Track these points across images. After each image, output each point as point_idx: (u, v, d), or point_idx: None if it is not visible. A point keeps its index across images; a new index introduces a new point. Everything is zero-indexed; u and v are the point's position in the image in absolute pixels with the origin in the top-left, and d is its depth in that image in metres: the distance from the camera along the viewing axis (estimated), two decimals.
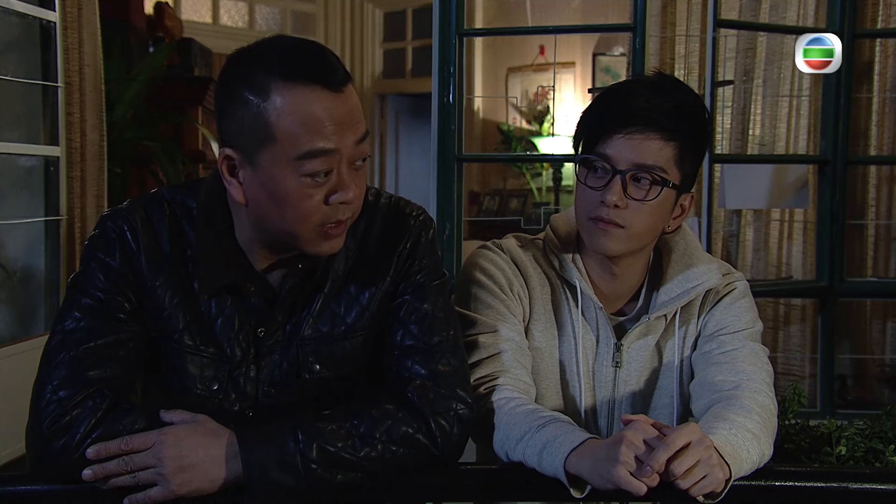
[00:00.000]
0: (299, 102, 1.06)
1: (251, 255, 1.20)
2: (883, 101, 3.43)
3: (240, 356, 1.20)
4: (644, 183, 1.27)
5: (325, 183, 1.09)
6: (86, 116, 3.49)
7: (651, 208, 1.28)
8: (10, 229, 3.34)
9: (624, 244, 1.31)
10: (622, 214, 1.27)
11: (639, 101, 1.27)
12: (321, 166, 1.07)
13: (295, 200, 1.09)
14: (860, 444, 1.78)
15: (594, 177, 1.30)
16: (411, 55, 8.10)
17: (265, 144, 1.07)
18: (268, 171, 1.08)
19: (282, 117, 1.06)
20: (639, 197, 1.27)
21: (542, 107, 6.96)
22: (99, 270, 1.17)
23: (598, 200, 1.28)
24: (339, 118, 1.07)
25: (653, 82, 1.32)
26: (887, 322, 3.49)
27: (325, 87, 1.07)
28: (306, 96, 1.06)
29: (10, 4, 3.13)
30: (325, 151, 1.07)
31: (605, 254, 1.33)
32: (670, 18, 3.17)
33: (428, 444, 1.15)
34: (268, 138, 1.07)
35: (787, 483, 1.18)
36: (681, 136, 1.28)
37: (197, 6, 7.55)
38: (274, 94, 1.06)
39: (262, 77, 1.07)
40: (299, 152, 1.06)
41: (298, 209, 1.09)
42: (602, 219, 1.28)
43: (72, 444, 1.07)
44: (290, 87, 1.06)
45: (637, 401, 1.40)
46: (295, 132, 1.06)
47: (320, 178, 1.08)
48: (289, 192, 1.08)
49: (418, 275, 1.25)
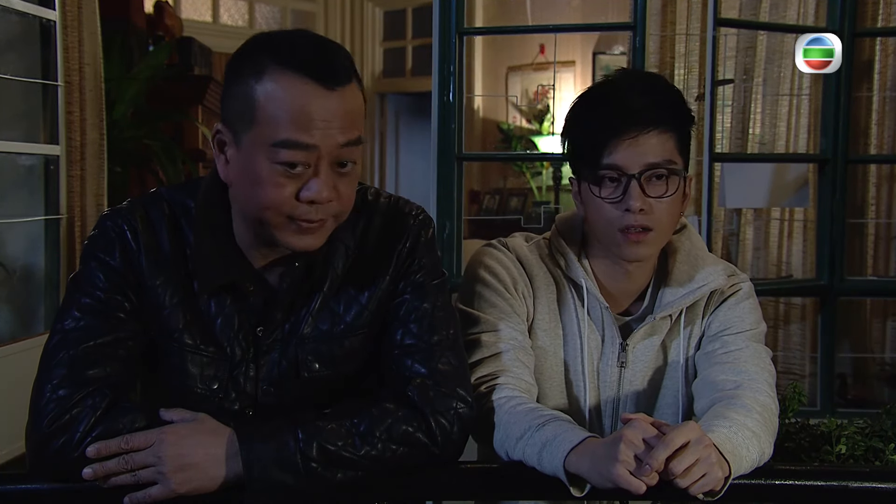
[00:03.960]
0: (287, 90, 1.06)
1: (249, 253, 1.20)
2: (883, 99, 3.43)
3: (239, 355, 1.20)
4: (661, 180, 1.28)
5: (299, 177, 1.09)
6: (86, 115, 3.49)
7: (671, 202, 1.29)
8: (10, 228, 3.34)
9: (655, 246, 1.32)
10: (649, 217, 1.27)
11: (631, 103, 1.28)
12: (295, 158, 1.07)
13: (265, 186, 1.09)
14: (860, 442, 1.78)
15: (608, 187, 1.29)
16: (411, 54, 8.09)
17: (250, 125, 1.09)
18: (248, 152, 1.10)
19: (268, 102, 1.07)
20: (659, 194, 1.28)
21: (542, 106, 6.95)
22: (99, 270, 1.17)
23: (621, 211, 1.27)
24: (325, 116, 1.07)
25: (632, 82, 1.34)
26: (887, 321, 3.48)
27: (317, 82, 1.07)
28: (295, 86, 1.06)
29: (9, 3, 3.13)
30: (302, 145, 1.07)
31: (639, 260, 1.33)
32: (670, 17, 3.17)
33: (428, 442, 1.15)
34: (252, 120, 1.08)
35: (787, 482, 1.18)
36: (676, 124, 1.29)
37: (197, 5, 7.55)
38: (267, 78, 1.07)
39: (262, 60, 1.08)
40: (276, 139, 1.07)
41: (267, 196, 1.09)
42: (632, 226, 1.27)
43: (72, 442, 1.07)
44: (282, 74, 1.07)
45: (642, 401, 1.40)
46: (275, 118, 1.07)
47: (294, 169, 1.08)
48: (261, 177, 1.09)
49: (418, 274, 1.25)
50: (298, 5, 8.14)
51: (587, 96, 1.35)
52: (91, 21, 3.49)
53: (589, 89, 1.37)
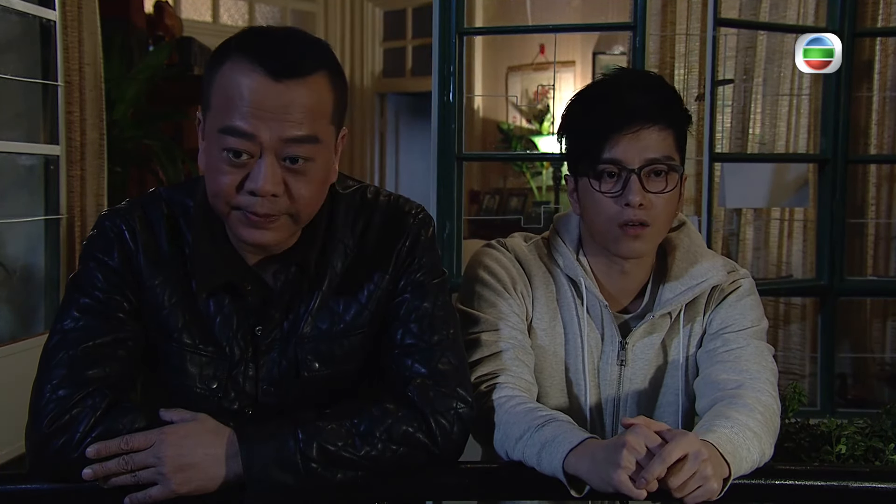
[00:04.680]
0: (236, 77, 1.07)
1: (241, 251, 1.20)
2: (883, 99, 3.43)
3: (238, 355, 1.20)
4: (660, 176, 1.28)
5: (243, 166, 1.09)
6: (86, 115, 3.49)
7: (668, 199, 1.30)
8: (10, 228, 3.34)
9: (652, 242, 1.32)
10: (647, 213, 1.28)
11: (632, 100, 1.28)
12: (237, 146, 1.07)
13: (212, 173, 1.10)
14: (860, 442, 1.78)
15: (608, 182, 1.29)
16: (411, 54, 8.09)
17: (207, 110, 1.11)
18: (206, 136, 1.12)
19: (220, 88, 1.08)
20: (658, 190, 1.28)
21: (542, 106, 6.95)
22: (98, 270, 1.17)
23: (620, 205, 1.28)
24: (268, 107, 1.06)
25: (632, 80, 1.36)
26: (887, 321, 3.48)
27: (265, 72, 1.06)
28: (245, 73, 1.07)
29: (9, 3, 3.13)
30: (241, 133, 1.07)
31: (636, 257, 1.34)
32: (670, 17, 3.17)
33: (428, 442, 1.15)
34: (208, 105, 1.11)
35: (787, 482, 1.18)
36: (675, 122, 1.30)
37: (197, 5, 7.55)
38: (225, 66, 1.09)
39: (229, 48, 1.10)
40: (221, 125, 1.08)
41: (213, 183, 1.10)
42: (631, 222, 1.27)
43: (71, 443, 1.07)
44: (237, 62, 1.08)
45: (642, 399, 1.40)
46: (222, 104, 1.08)
47: (238, 158, 1.08)
48: (209, 163, 1.10)
49: (418, 273, 1.24)
50: (298, 5, 8.14)
51: (586, 94, 1.35)
52: (91, 21, 3.49)
53: (588, 87, 1.37)
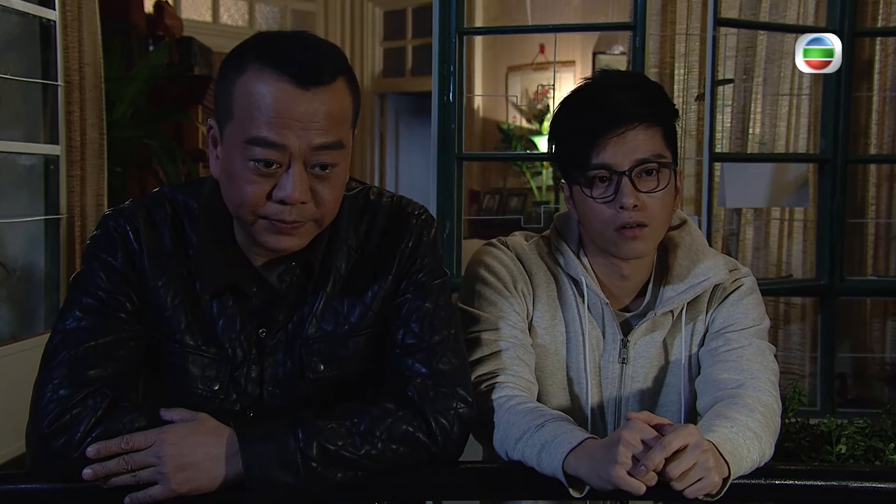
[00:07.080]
0: (260, 87, 1.07)
1: (249, 253, 1.19)
2: (883, 99, 3.43)
3: (241, 356, 1.20)
4: (651, 175, 1.28)
5: (272, 175, 1.09)
6: (86, 115, 3.49)
7: (663, 196, 1.29)
8: (10, 228, 3.34)
9: (651, 242, 1.32)
10: (643, 213, 1.28)
11: (614, 101, 1.28)
12: (266, 156, 1.07)
13: (239, 184, 1.09)
14: (860, 442, 1.78)
15: (600, 187, 1.29)
16: (411, 54, 8.09)
17: (228, 120, 1.10)
18: (227, 148, 1.11)
19: (244, 98, 1.07)
20: (650, 189, 1.28)
21: (542, 105, 6.95)
22: (101, 270, 1.17)
23: (614, 209, 1.28)
24: (296, 115, 1.06)
25: (613, 81, 1.34)
26: (887, 321, 3.48)
27: (291, 81, 1.06)
28: (270, 84, 1.06)
29: (9, 3, 3.12)
30: (270, 143, 1.07)
31: (637, 257, 1.33)
32: (670, 17, 3.17)
33: (428, 442, 1.15)
34: (230, 116, 1.09)
35: (787, 482, 1.18)
36: (661, 118, 1.30)
37: (197, 5, 7.55)
38: (246, 75, 1.08)
39: (246, 57, 1.09)
40: (248, 136, 1.07)
41: (240, 193, 1.10)
42: (628, 225, 1.27)
43: (72, 442, 1.07)
44: (259, 71, 1.07)
45: (644, 398, 1.40)
46: (249, 115, 1.07)
47: (267, 168, 1.08)
48: (235, 174, 1.10)
49: (420, 273, 1.25)
50: (298, 5, 8.14)
51: (570, 100, 1.35)
52: (91, 21, 3.49)
53: (571, 93, 1.36)
